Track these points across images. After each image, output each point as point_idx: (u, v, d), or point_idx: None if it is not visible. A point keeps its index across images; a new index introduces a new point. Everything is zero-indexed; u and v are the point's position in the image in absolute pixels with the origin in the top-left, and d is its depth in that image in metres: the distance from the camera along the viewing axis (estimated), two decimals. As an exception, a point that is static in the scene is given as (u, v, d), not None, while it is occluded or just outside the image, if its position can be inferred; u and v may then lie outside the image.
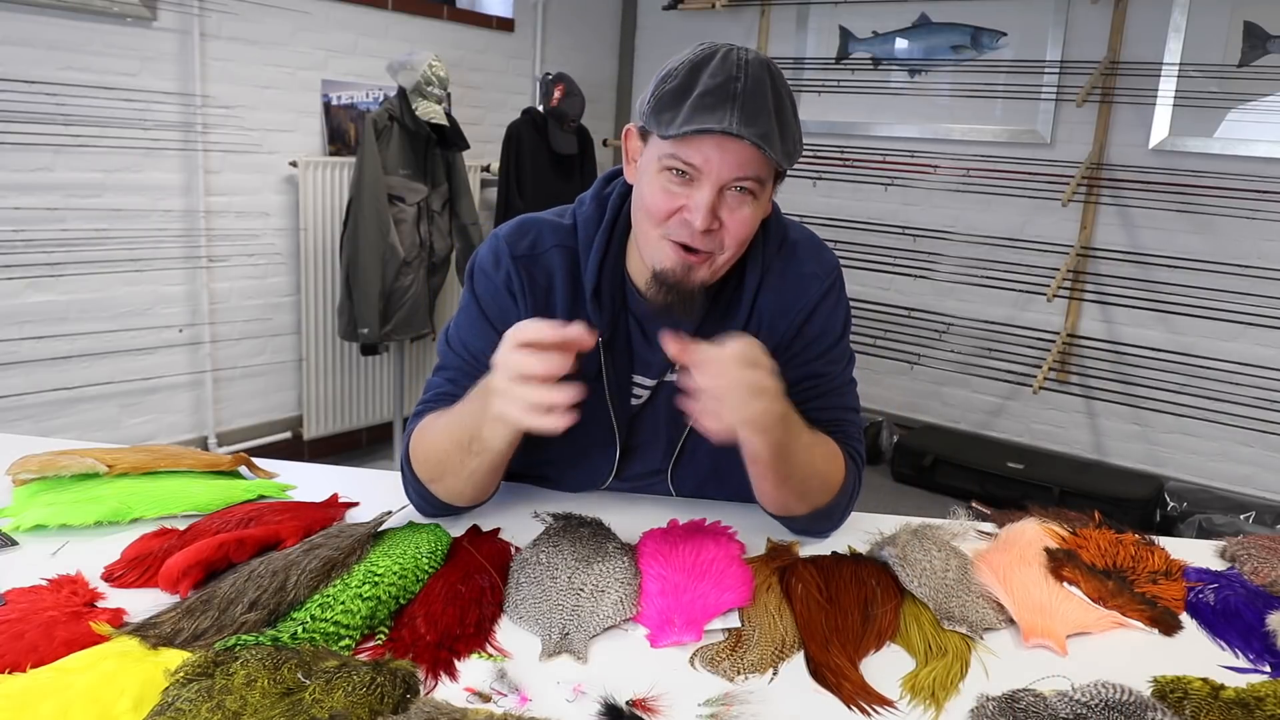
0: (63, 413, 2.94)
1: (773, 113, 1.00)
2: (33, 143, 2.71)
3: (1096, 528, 1.17)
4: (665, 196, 1.03)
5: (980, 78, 3.75)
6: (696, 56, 1.03)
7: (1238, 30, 3.21)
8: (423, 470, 1.10)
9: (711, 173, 1.01)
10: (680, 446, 1.21)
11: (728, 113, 0.98)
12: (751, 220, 1.06)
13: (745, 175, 1.01)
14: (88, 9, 2.78)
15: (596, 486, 1.25)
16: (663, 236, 1.06)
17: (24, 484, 1.12)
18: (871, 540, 1.11)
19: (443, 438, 1.07)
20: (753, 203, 1.04)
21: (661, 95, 1.02)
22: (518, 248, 1.16)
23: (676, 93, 1.01)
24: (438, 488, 1.10)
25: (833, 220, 4.02)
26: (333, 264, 3.48)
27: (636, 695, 0.78)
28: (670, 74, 1.03)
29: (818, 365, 1.17)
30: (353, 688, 0.73)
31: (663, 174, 1.03)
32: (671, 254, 1.06)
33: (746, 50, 1.03)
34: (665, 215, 1.04)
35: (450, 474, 1.08)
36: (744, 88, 0.99)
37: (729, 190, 1.02)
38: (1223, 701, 0.80)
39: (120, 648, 0.78)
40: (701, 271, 1.07)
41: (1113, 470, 3.65)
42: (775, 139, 1.00)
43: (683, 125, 0.98)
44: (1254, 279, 3.23)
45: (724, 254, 1.07)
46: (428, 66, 3.25)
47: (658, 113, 1.02)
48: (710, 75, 1.00)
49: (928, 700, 0.81)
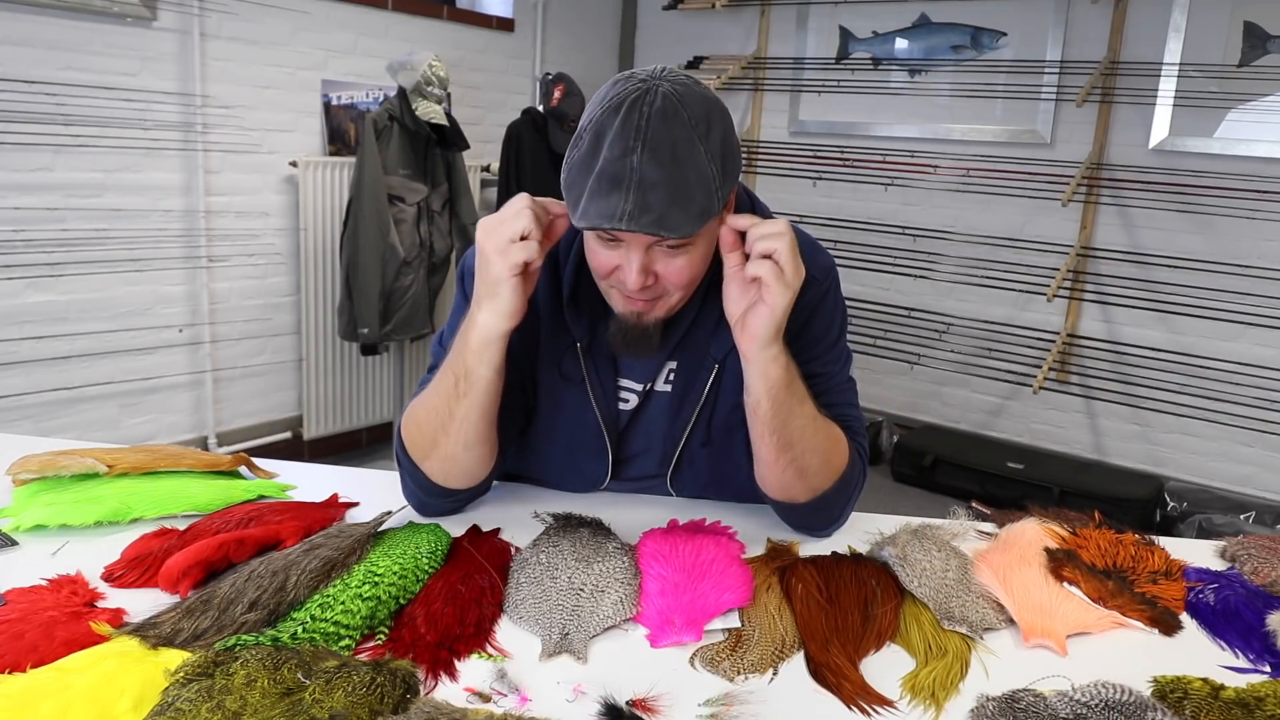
0: (63, 413, 2.94)
1: (670, 184, 0.95)
2: (33, 143, 2.71)
3: (1096, 528, 1.17)
4: (600, 257, 1.05)
5: (980, 78, 3.75)
6: (603, 115, 0.97)
7: (1238, 30, 3.21)
8: (415, 447, 1.10)
9: (632, 240, 1.00)
10: (678, 457, 1.21)
11: (620, 203, 0.94)
12: (690, 266, 1.04)
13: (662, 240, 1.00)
14: (88, 9, 2.78)
15: (595, 489, 1.25)
16: (609, 287, 1.08)
17: (24, 484, 1.12)
18: (871, 540, 1.11)
19: (431, 396, 1.08)
20: (688, 250, 1.03)
21: (571, 166, 1.00)
22: None
23: (580, 167, 0.98)
24: (431, 462, 1.09)
25: (833, 220, 4.02)
26: (333, 264, 3.48)
27: (636, 695, 0.78)
28: (579, 136, 1.00)
29: (816, 365, 1.17)
30: (353, 688, 0.73)
31: (590, 234, 1.04)
32: (621, 303, 1.08)
33: (655, 94, 0.96)
34: (606, 272, 1.06)
35: (442, 434, 1.07)
36: (639, 162, 0.94)
37: (657, 248, 1.01)
38: (1223, 701, 0.80)
39: (120, 648, 0.78)
40: (656, 312, 1.08)
41: (1113, 470, 3.65)
42: (674, 215, 0.95)
43: (582, 220, 0.97)
44: (1254, 279, 3.23)
45: (673, 297, 1.08)
46: (428, 66, 3.26)
47: (568, 190, 1.00)
48: (609, 147, 0.96)
49: (928, 700, 0.81)
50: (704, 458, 1.20)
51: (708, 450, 1.20)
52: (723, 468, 1.21)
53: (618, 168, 0.95)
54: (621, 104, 0.97)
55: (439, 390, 1.07)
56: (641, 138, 0.95)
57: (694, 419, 1.17)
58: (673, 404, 1.19)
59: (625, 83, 0.99)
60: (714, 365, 1.16)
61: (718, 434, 1.19)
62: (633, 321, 1.07)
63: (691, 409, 1.17)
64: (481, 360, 1.03)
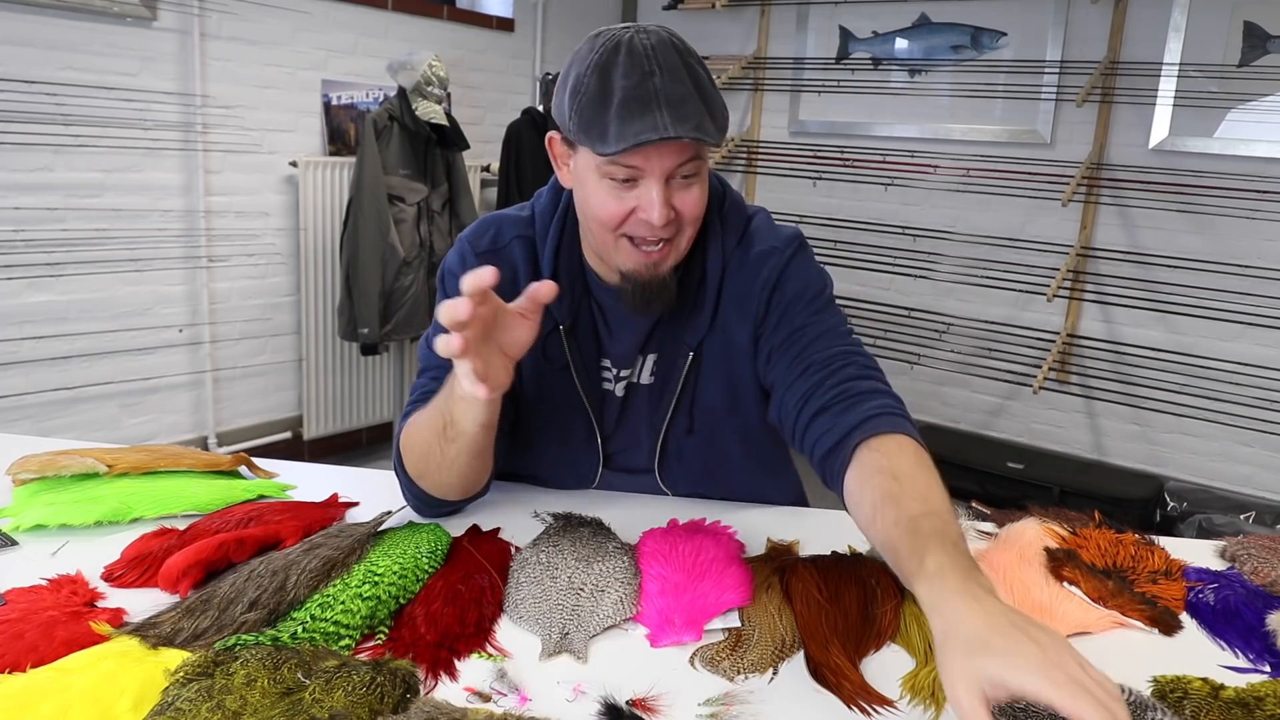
0: (63, 413, 2.94)
1: (697, 98, 1.00)
2: (33, 143, 2.71)
3: (1096, 528, 1.17)
4: (614, 202, 1.04)
5: (980, 78, 3.75)
6: (600, 57, 1.00)
7: (1238, 30, 3.21)
8: (411, 466, 1.10)
9: (654, 170, 1.01)
10: (662, 446, 1.21)
11: (657, 117, 0.97)
12: (701, 197, 1.07)
13: (686, 159, 1.02)
14: (88, 9, 2.78)
15: (589, 483, 1.25)
16: (620, 238, 1.06)
17: (24, 484, 1.12)
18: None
19: (423, 429, 1.07)
20: (699, 182, 1.06)
21: (581, 109, 1.00)
22: (479, 244, 1.18)
23: (595, 104, 0.99)
24: (426, 482, 1.09)
25: (833, 220, 4.02)
26: (333, 264, 3.48)
27: (636, 695, 0.78)
28: (579, 83, 1.01)
29: (803, 318, 1.13)
30: (353, 687, 0.73)
31: (605, 182, 1.03)
32: (633, 254, 1.07)
33: (644, 34, 1.01)
34: (618, 220, 1.05)
35: (434, 465, 1.07)
36: (662, 83, 0.98)
37: (674, 180, 1.03)
38: (1223, 701, 0.80)
39: (120, 648, 0.78)
40: (668, 260, 1.08)
41: (1113, 470, 3.65)
42: (708, 123, 1.00)
43: (618, 143, 0.97)
44: (1254, 279, 3.23)
45: (684, 236, 1.08)
46: (428, 66, 3.25)
47: (585, 130, 1.00)
48: (623, 76, 0.98)
49: (928, 700, 0.81)
50: (691, 447, 1.21)
51: (693, 439, 1.21)
52: (711, 458, 1.21)
53: (641, 91, 0.97)
54: (618, 44, 1.00)
55: (430, 425, 1.05)
56: (655, 63, 0.98)
57: (674, 405, 1.18)
58: (654, 394, 1.20)
59: (606, 32, 1.03)
60: (689, 353, 1.16)
61: (700, 420, 1.20)
62: (648, 275, 1.07)
63: (671, 396, 1.18)
64: (467, 417, 1.00)
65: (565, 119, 1.04)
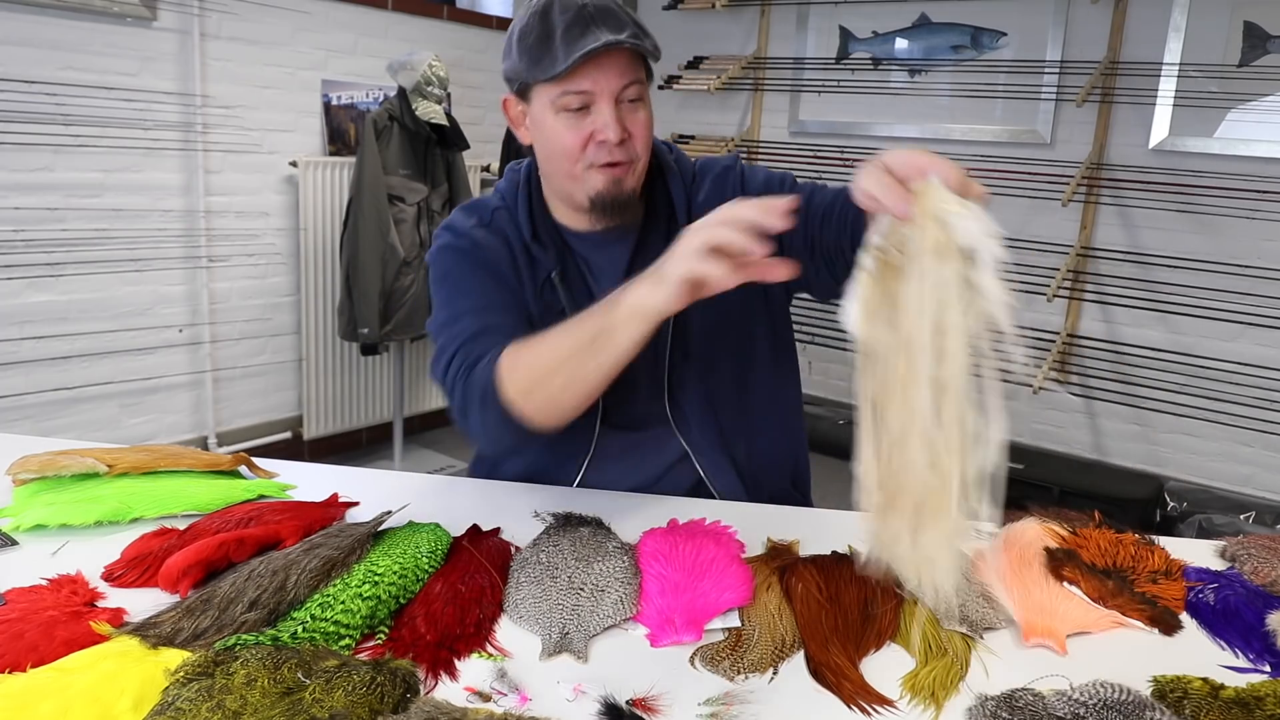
0: (63, 413, 2.94)
1: (628, 17, 1.13)
2: (33, 143, 2.71)
3: (1096, 528, 1.17)
4: (572, 133, 1.14)
5: (980, 78, 3.75)
6: (539, 5, 1.13)
7: (1238, 30, 3.21)
8: (518, 383, 1.05)
9: (603, 90, 1.12)
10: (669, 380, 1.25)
11: (597, 32, 1.09)
12: (649, 119, 1.18)
13: (630, 80, 1.13)
14: (88, 9, 2.78)
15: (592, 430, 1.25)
16: (585, 167, 1.16)
17: (24, 484, 1.12)
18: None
19: (555, 344, 1.03)
20: (644, 106, 1.17)
21: (528, 49, 1.13)
22: (469, 220, 1.27)
23: (540, 41, 1.11)
24: (532, 401, 1.04)
25: (833, 220, 4.02)
26: (333, 264, 3.48)
27: (636, 695, 0.78)
28: (525, 30, 1.14)
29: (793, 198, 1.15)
30: (353, 687, 0.73)
31: (560, 115, 1.14)
32: (598, 176, 1.16)
33: None
34: (579, 148, 1.14)
35: (557, 377, 1.02)
36: (595, 10, 1.11)
37: (622, 103, 1.14)
38: (1222, 701, 0.80)
39: (120, 648, 0.78)
40: (629, 179, 1.18)
41: (1113, 470, 3.65)
42: (643, 36, 1.13)
43: (566, 59, 1.09)
44: (1254, 279, 3.23)
45: (640, 159, 1.18)
46: (428, 66, 3.25)
47: (535, 63, 1.12)
48: (561, 12, 1.11)
49: (928, 700, 0.81)
50: (693, 378, 1.25)
51: (691, 366, 1.25)
52: (715, 388, 1.25)
53: (578, 18, 1.10)
54: None
55: (569, 339, 1.02)
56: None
57: (670, 334, 1.22)
58: None
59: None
60: None
61: (696, 344, 1.25)
62: (613, 191, 1.17)
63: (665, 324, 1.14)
64: (627, 328, 0.96)
65: (516, 67, 1.16)
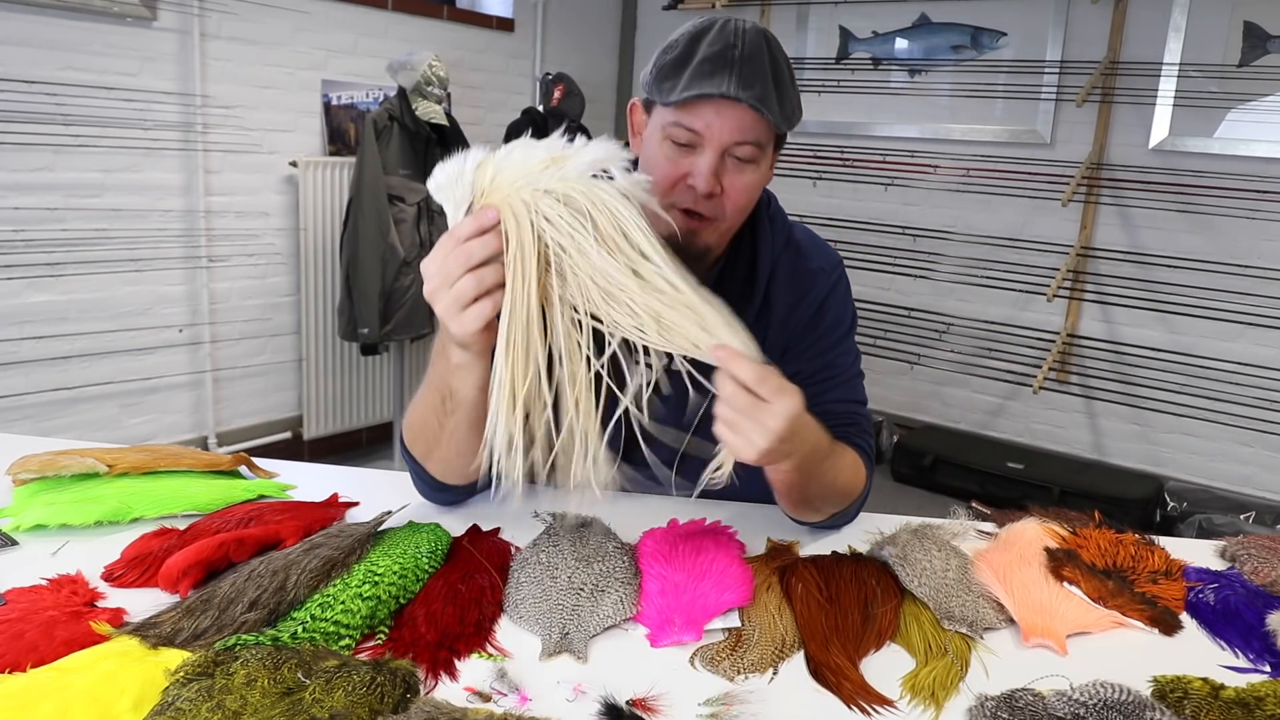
0: (63, 413, 2.94)
1: (770, 78, 1.04)
2: (33, 143, 2.71)
3: (1096, 528, 1.17)
4: (669, 165, 1.07)
5: (980, 78, 3.75)
6: (696, 28, 1.07)
7: (1238, 30, 3.21)
8: (415, 448, 1.10)
9: (713, 138, 1.04)
10: None
11: (726, 78, 1.02)
12: (752, 187, 1.09)
13: (745, 140, 1.05)
14: (88, 9, 2.78)
15: None
16: (667, 206, 1.08)
17: (24, 484, 1.12)
18: (871, 540, 1.11)
19: (422, 406, 1.07)
20: (753, 170, 1.08)
21: (663, 65, 1.07)
22: None
23: (677, 62, 1.05)
24: (431, 464, 1.09)
25: (833, 220, 4.02)
26: (333, 264, 3.48)
27: (636, 695, 0.78)
28: (671, 45, 1.08)
29: (831, 356, 1.20)
30: (353, 687, 0.73)
31: (665, 143, 1.07)
32: (677, 218, 1.08)
33: (745, 21, 1.07)
34: (670, 184, 1.07)
35: (435, 443, 1.07)
36: (741, 54, 1.03)
37: (730, 157, 1.06)
38: (1223, 701, 0.80)
39: (120, 648, 0.78)
40: (706, 235, 1.10)
41: (1113, 470, 3.65)
42: (773, 102, 1.04)
43: (683, 91, 1.03)
44: (1254, 279, 3.23)
45: (726, 221, 1.10)
46: (428, 66, 3.26)
47: (659, 81, 1.07)
48: (709, 44, 1.04)
49: (928, 700, 0.81)
50: None
51: None
52: None
53: (720, 56, 1.03)
54: (715, 20, 1.07)
55: (427, 404, 1.05)
56: (741, 41, 1.04)
57: None
58: None
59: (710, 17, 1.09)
60: None
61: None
62: (684, 241, 1.08)
63: None
64: (465, 382, 0.99)
65: (648, 78, 1.10)
